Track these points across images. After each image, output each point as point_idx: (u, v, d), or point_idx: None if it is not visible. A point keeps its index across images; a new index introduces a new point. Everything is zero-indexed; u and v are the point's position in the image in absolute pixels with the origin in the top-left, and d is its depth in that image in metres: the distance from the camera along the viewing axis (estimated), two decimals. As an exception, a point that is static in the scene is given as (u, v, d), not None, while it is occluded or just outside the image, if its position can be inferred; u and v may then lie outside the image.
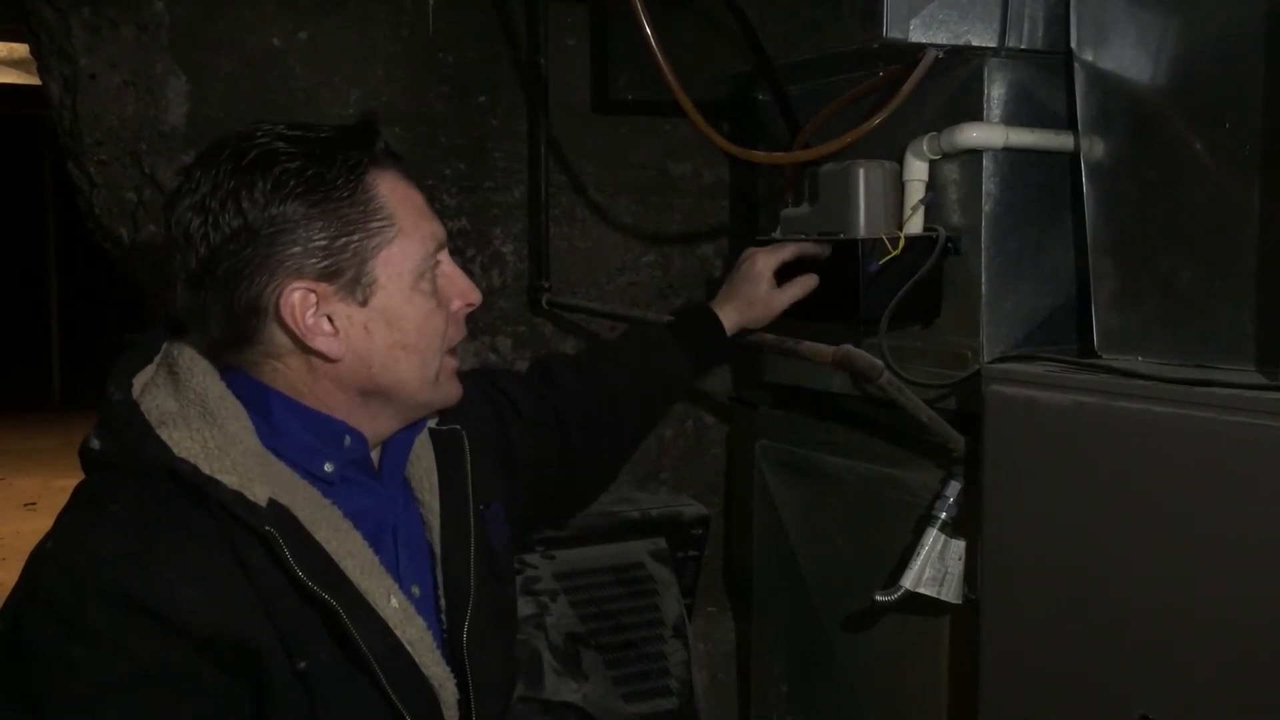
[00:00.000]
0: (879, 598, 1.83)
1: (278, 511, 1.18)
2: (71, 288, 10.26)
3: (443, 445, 1.40)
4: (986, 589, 1.70)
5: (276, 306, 1.20)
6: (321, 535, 1.20)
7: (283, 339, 1.23)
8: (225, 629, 1.12)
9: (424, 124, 2.36)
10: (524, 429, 1.57)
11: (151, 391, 1.23)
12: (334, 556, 1.20)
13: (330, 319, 1.23)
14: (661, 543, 2.27)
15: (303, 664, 1.16)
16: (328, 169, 1.21)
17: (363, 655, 1.18)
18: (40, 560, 1.15)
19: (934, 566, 1.80)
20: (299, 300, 1.21)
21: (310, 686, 1.17)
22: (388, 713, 1.21)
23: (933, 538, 1.80)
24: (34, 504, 6.57)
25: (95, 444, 1.21)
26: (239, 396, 1.23)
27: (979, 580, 1.72)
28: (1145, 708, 1.46)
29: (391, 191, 1.25)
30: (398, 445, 1.34)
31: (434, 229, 1.29)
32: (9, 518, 6.21)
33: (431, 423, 1.41)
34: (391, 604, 1.23)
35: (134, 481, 1.17)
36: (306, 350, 1.23)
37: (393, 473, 1.34)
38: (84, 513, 1.18)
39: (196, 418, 1.19)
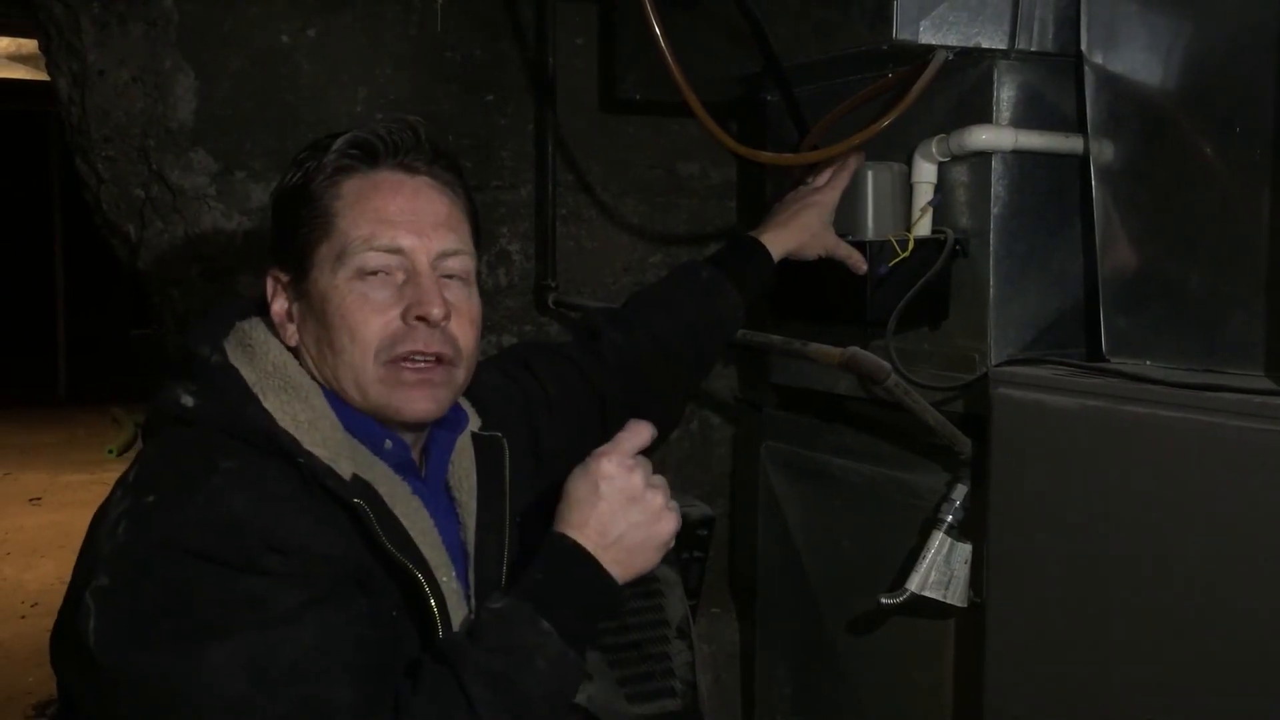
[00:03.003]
0: (884, 600, 1.83)
1: (362, 486, 1.23)
2: (77, 283, 10.28)
3: (483, 450, 1.42)
4: (992, 592, 1.69)
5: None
6: (399, 511, 1.25)
7: None
8: (351, 564, 1.18)
9: (431, 122, 2.31)
10: (554, 416, 1.58)
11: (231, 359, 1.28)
12: (410, 532, 1.25)
13: (289, 309, 1.31)
14: (666, 543, 2.26)
15: (395, 613, 1.22)
16: (311, 163, 1.29)
17: (433, 622, 1.22)
18: (151, 512, 1.15)
19: (939, 570, 1.80)
20: (269, 285, 1.32)
21: (400, 632, 1.22)
22: None
23: (938, 541, 1.80)
24: (39, 499, 6.57)
25: (189, 401, 1.24)
26: None
27: (984, 584, 1.71)
28: (1151, 712, 1.46)
29: (351, 192, 1.28)
30: (440, 445, 1.37)
31: (392, 235, 1.26)
32: (13, 512, 6.21)
33: (474, 426, 1.43)
34: (452, 584, 1.28)
35: (232, 443, 1.20)
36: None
37: (434, 474, 1.36)
38: (191, 467, 1.18)
39: (280, 390, 1.25)
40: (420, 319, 1.26)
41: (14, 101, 8.10)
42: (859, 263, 1.80)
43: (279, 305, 1.31)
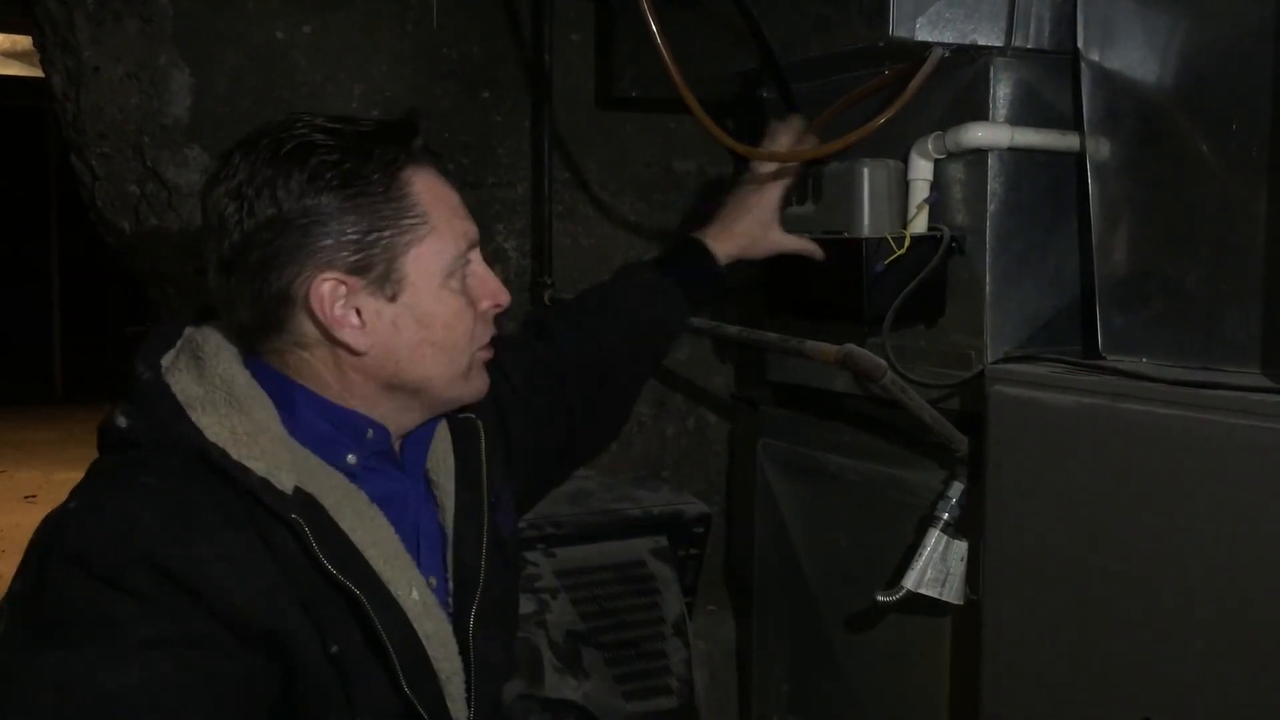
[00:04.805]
0: (880, 598, 1.83)
1: (303, 499, 1.19)
2: (74, 280, 10.27)
3: (459, 432, 1.41)
4: (988, 590, 1.69)
5: (306, 296, 1.22)
6: (347, 524, 1.22)
7: (310, 329, 1.24)
8: (254, 613, 1.14)
9: (428, 119, 2.33)
10: (520, 402, 1.57)
11: (175, 375, 1.24)
12: (359, 545, 1.22)
13: (359, 312, 1.24)
14: (663, 541, 2.26)
15: (335, 648, 1.18)
16: (364, 163, 1.22)
17: (382, 644, 1.20)
18: (65, 519, 1.15)
19: (936, 567, 1.79)
20: (329, 291, 1.22)
21: (343, 669, 1.18)
22: (398, 701, 1.22)
23: (935, 538, 1.80)
24: (34, 496, 6.57)
25: (122, 422, 1.22)
26: (262, 386, 1.25)
27: (981, 581, 1.71)
28: (1148, 710, 1.46)
29: (426, 189, 1.26)
30: (419, 434, 1.36)
31: (467, 228, 1.30)
32: (9, 510, 6.22)
33: None
34: (413, 595, 1.25)
35: (162, 459, 1.18)
36: (333, 342, 1.24)
37: (414, 462, 1.35)
38: (113, 480, 1.18)
39: (223, 403, 1.21)
40: (495, 307, 1.33)
41: (10, 98, 8.09)
42: (815, 252, 1.81)
43: (339, 311, 1.23)
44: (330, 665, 1.18)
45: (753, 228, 1.81)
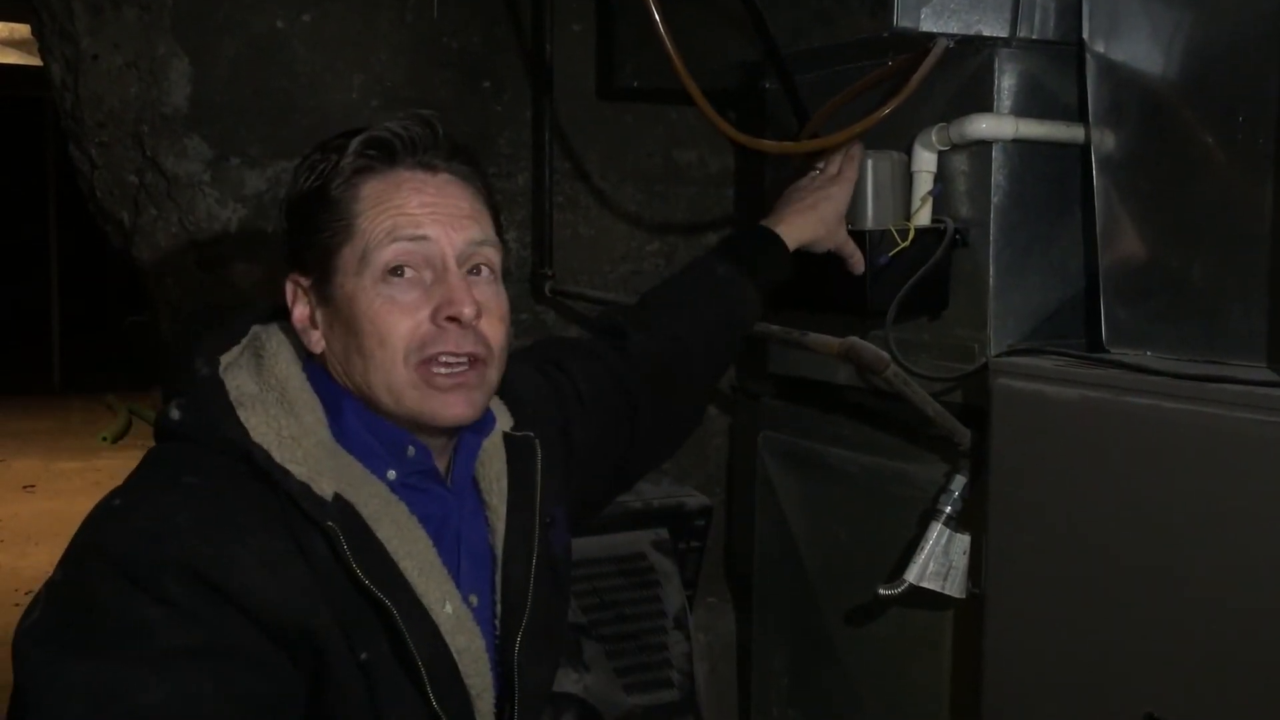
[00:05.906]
0: (882, 591, 1.82)
1: (342, 507, 1.19)
2: (72, 270, 10.26)
3: (515, 451, 1.39)
4: (991, 584, 1.69)
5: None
6: (384, 534, 1.21)
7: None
8: (288, 614, 1.13)
9: (428, 109, 2.33)
10: (585, 414, 1.55)
11: (234, 371, 1.25)
12: (394, 556, 1.21)
13: (312, 314, 1.27)
14: (664, 533, 2.26)
15: (364, 655, 1.17)
16: (325, 165, 1.25)
17: (410, 656, 1.19)
18: (107, 516, 1.15)
19: (938, 561, 1.79)
20: (289, 290, 1.28)
21: (371, 678, 1.18)
22: (425, 714, 1.21)
23: (937, 532, 1.79)
24: (33, 486, 6.56)
25: (175, 415, 1.23)
26: (317, 391, 1.25)
27: (983, 575, 1.71)
28: (1151, 705, 1.46)
29: (371, 194, 1.24)
30: (467, 447, 1.33)
31: (416, 225, 1.23)
32: (7, 500, 6.21)
33: (505, 426, 1.40)
34: (446, 609, 1.23)
35: (209, 457, 1.18)
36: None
37: (461, 475, 1.33)
38: (157, 478, 1.19)
39: (274, 404, 1.22)
40: (451, 319, 1.22)
41: (8, 87, 8.08)
42: (858, 263, 1.79)
43: (300, 311, 1.27)
44: (359, 672, 1.17)
45: (830, 216, 1.79)
